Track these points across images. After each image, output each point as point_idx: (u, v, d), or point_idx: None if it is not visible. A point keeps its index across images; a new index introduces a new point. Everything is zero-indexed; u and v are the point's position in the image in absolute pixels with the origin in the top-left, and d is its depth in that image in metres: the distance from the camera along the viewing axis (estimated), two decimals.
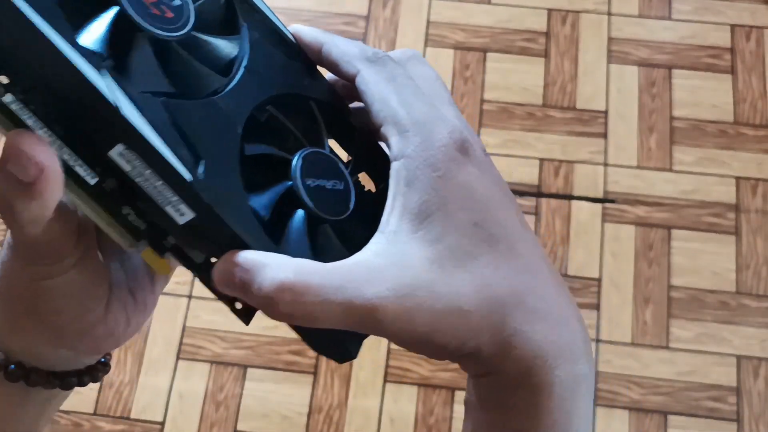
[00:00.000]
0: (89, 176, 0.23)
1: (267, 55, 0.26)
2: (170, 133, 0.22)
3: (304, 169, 0.25)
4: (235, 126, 0.24)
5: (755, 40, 1.24)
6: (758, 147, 1.17)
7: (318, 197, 0.25)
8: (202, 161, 0.22)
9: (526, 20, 1.26)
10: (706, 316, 1.07)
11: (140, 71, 0.22)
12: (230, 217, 0.22)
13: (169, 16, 0.23)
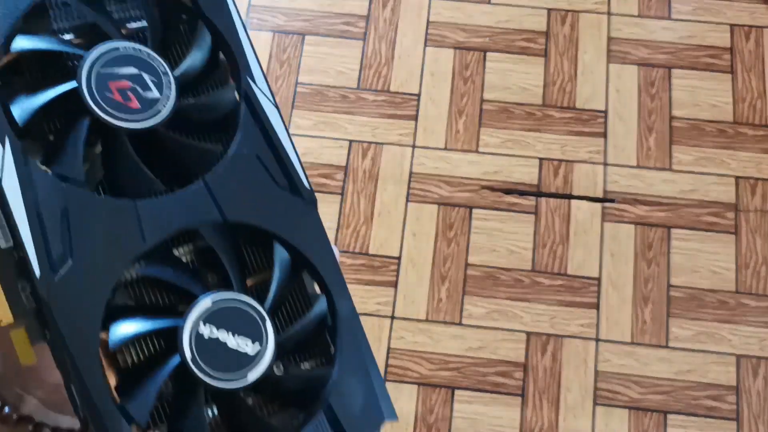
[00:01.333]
0: (2, 239, 0.21)
1: (240, 172, 0.23)
2: (52, 220, 0.19)
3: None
4: (141, 241, 0.21)
5: (754, 40, 1.24)
6: (757, 147, 1.17)
7: (207, 358, 0.21)
8: (70, 260, 0.20)
9: (525, 20, 1.26)
10: (705, 316, 1.08)
11: (72, 153, 0.20)
12: (71, 337, 0.19)
13: (134, 107, 0.21)
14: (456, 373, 1.05)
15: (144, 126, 0.21)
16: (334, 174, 1.15)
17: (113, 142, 0.21)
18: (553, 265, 1.11)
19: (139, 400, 0.20)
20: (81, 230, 0.20)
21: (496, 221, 1.14)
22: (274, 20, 1.27)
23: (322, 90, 1.21)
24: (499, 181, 1.16)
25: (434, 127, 1.19)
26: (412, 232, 1.13)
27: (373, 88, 1.21)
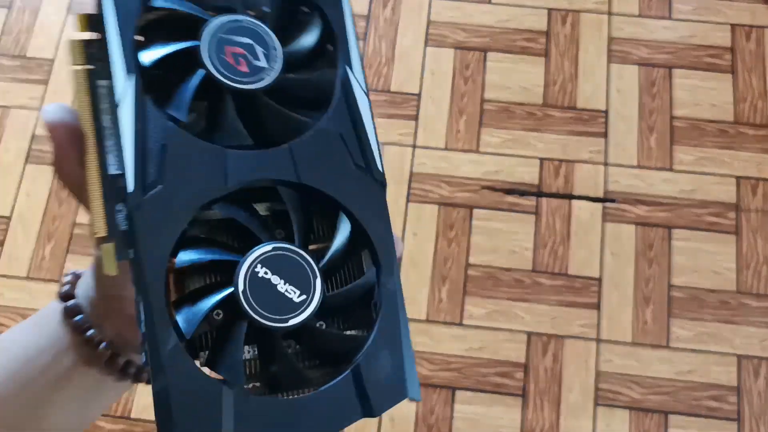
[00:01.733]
0: (115, 167, 0.24)
1: (323, 145, 0.26)
2: (151, 147, 0.23)
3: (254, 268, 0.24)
4: (224, 183, 0.24)
5: (755, 39, 1.24)
6: (758, 146, 1.17)
7: (262, 301, 0.23)
8: (160, 186, 0.23)
9: (526, 20, 1.26)
10: (706, 316, 1.08)
11: (182, 99, 0.24)
12: (146, 254, 0.22)
13: (243, 70, 0.25)
14: (457, 373, 1.05)
15: (247, 87, 0.24)
16: None
17: (218, 96, 0.24)
18: (553, 266, 1.11)
19: (189, 317, 0.23)
20: (175, 164, 0.23)
21: (497, 221, 1.13)
22: None
23: None
24: (499, 181, 1.16)
25: (435, 127, 1.19)
26: (412, 233, 1.13)
27: (373, 88, 1.21)
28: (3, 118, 1.21)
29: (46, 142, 1.20)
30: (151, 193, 0.23)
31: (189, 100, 0.24)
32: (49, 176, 1.18)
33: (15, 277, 1.12)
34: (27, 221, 1.15)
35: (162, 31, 0.25)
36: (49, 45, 1.27)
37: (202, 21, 0.25)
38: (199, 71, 0.24)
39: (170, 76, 0.24)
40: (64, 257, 1.13)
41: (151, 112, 0.23)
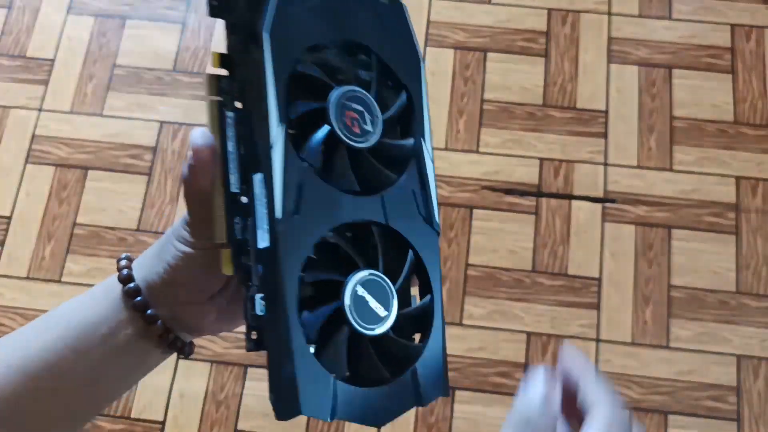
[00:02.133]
0: (236, 185, 0.32)
1: (402, 198, 0.34)
2: (292, 183, 0.30)
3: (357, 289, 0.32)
4: (338, 219, 0.32)
5: (755, 40, 1.24)
6: (758, 147, 1.17)
7: (361, 311, 0.31)
8: (297, 215, 0.30)
9: (526, 20, 1.26)
10: (706, 316, 1.08)
11: (315, 148, 0.32)
12: (285, 267, 0.30)
13: (356, 131, 0.32)
14: (456, 373, 1.05)
15: (358, 146, 0.32)
16: None
17: (337, 149, 0.32)
18: (553, 266, 1.11)
19: (311, 321, 0.30)
20: (307, 200, 0.30)
21: (497, 221, 1.13)
22: None
23: None
24: (499, 181, 1.16)
25: (434, 128, 1.19)
26: None
27: None
28: (3, 118, 1.22)
29: (45, 142, 1.20)
30: (292, 220, 0.30)
31: (319, 149, 0.31)
32: (49, 176, 1.18)
33: (15, 277, 1.12)
34: (27, 221, 1.15)
35: (301, 90, 0.32)
36: (49, 45, 1.27)
37: (330, 87, 0.32)
38: (326, 127, 0.31)
39: (304, 127, 0.31)
40: (64, 257, 1.13)
41: (292, 156, 0.30)
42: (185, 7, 1.29)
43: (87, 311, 0.36)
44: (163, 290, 0.35)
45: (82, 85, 1.23)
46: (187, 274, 0.34)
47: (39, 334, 0.35)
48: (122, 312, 0.35)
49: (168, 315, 0.35)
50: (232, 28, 0.32)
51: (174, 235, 0.36)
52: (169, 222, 1.14)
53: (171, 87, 1.23)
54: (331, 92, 0.32)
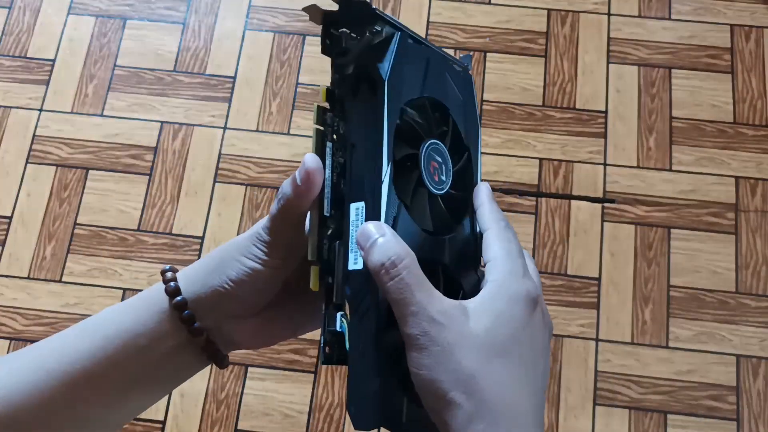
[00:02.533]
0: (327, 209, 0.35)
1: (461, 242, 0.38)
2: (391, 215, 0.33)
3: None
4: (418, 254, 0.34)
5: (755, 40, 1.24)
6: (757, 147, 1.17)
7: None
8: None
9: (526, 21, 1.26)
10: (705, 316, 1.08)
11: (405, 188, 0.35)
12: (376, 289, 0.32)
13: (436, 179, 0.37)
14: None
15: (436, 192, 0.37)
16: None
17: (422, 192, 0.36)
18: (553, 265, 1.11)
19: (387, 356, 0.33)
20: (399, 230, 0.33)
21: None
22: (274, 20, 1.27)
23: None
24: (499, 181, 1.16)
25: None
26: None
27: None
28: (4, 119, 1.22)
29: (46, 142, 1.20)
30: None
31: (411, 190, 0.35)
32: (50, 176, 1.18)
33: (16, 277, 1.12)
34: (28, 221, 1.15)
35: (400, 136, 0.35)
36: (50, 45, 1.27)
37: (422, 138, 0.36)
38: (417, 172, 0.36)
39: (398, 168, 0.35)
40: (64, 257, 1.13)
41: (392, 191, 0.34)
42: (185, 8, 1.29)
43: (127, 322, 0.36)
44: (213, 303, 0.36)
45: (83, 85, 1.24)
46: (250, 289, 0.35)
47: (78, 341, 0.36)
48: (165, 324, 0.36)
49: (213, 327, 0.36)
50: (340, 68, 0.36)
51: (240, 251, 0.36)
52: (170, 222, 1.15)
53: (171, 87, 1.23)
54: (423, 143, 0.36)
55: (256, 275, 0.35)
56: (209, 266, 0.37)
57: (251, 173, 1.17)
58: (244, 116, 1.21)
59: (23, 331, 1.09)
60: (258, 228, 0.36)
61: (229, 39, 1.26)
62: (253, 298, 0.36)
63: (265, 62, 1.24)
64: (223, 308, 0.36)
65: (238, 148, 1.19)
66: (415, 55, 0.37)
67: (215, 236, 1.14)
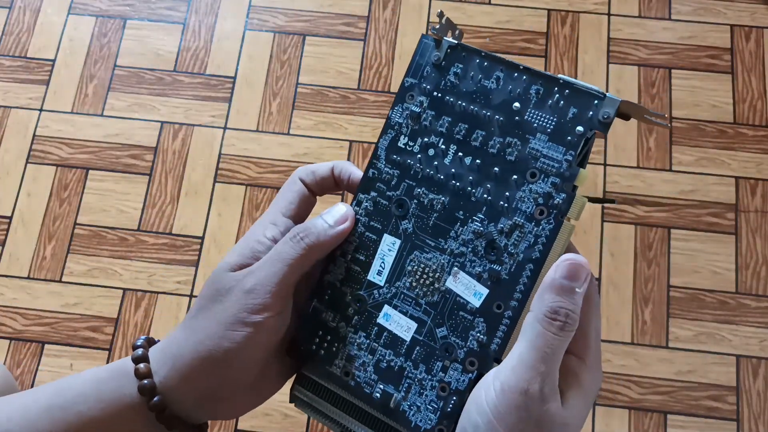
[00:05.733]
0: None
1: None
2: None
3: None
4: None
5: (755, 40, 1.24)
6: (757, 147, 1.17)
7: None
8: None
9: (526, 21, 1.26)
10: (705, 316, 1.08)
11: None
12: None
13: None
14: None
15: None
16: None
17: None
18: None
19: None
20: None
21: None
22: (274, 20, 1.27)
23: (322, 90, 1.21)
24: None
25: None
26: None
27: (373, 89, 1.21)
28: (4, 118, 1.22)
29: (46, 142, 1.20)
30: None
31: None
32: (50, 176, 1.18)
33: (16, 276, 1.12)
34: (28, 221, 1.15)
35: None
36: (50, 45, 1.27)
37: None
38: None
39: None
40: (64, 257, 1.13)
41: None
42: (185, 8, 1.29)
43: (90, 402, 0.30)
44: (195, 380, 0.30)
45: (83, 85, 1.24)
46: (249, 354, 0.30)
47: (35, 418, 0.30)
48: (135, 411, 0.30)
49: (191, 405, 0.31)
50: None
51: (245, 309, 0.29)
52: (170, 222, 1.15)
53: (171, 87, 1.23)
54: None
55: (257, 334, 0.29)
56: (210, 328, 0.30)
57: (251, 173, 1.17)
58: (244, 116, 1.21)
59: (23, 331, 1.09)
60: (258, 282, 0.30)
61: (229, 39, 1.26)
62: (251, 365, 0.30)
63: (265, 62, 1.24)
64: (208, 384, 0.30)
65: (238, 148, 1.19)
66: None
67: (215, 236, 1.14)
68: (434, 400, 0.29)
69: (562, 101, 0.32)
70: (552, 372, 0.27)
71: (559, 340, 0.27)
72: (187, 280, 1.11)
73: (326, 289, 0.33)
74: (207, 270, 1.12)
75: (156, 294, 1.10)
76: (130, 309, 1.10)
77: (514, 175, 0.31)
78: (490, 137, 0.32)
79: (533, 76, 0.32)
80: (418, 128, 0.33)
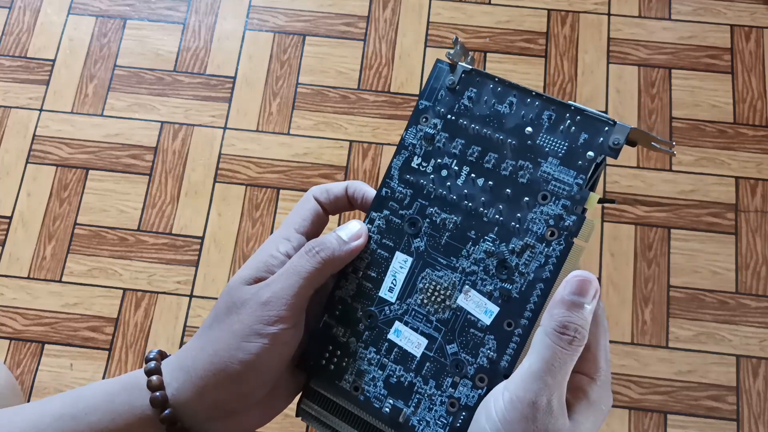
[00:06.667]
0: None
1: None
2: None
3: None
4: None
5: (755, 40, 1.24)
6: (757, 147, 1.17)
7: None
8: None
9: (526, 21, 1.26)
10: (705, 316, 1.08)
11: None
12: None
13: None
14: None
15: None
16: (335, 174, 1.15)
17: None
18: None
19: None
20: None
21: None
22: (274, 20, 1.27)
23: (322, 90, 1.21)
24: None
25: None
26: None
27: (373, 89, 1.21)
28: (4, 118, 1.22)
29: (46, 142, 1.20)
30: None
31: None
32: (50, 176, 1.18)
33: (16, 276, 1.12)
34: (28, 221, 1.15)
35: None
36: (50, 45, 1.27)
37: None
38: None
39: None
40: (64, 257, 1.13)
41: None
42: (185, 8, 1.29)
43: (101, 413, 0.30)
44: (208, 395, 0.30)
45: (83, 85, 1.24)
46: (265, 366, 0.30)
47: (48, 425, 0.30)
48: (145, 421, 0.30)
49: (203, 419, 0.31)
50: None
51: (261, 320, 0.29)
52: (170, 222, 1.15)
53: (171, 87, 1.23)
54: None
55: (273, 346, 0.29)
56: (225, 341, 0.30)
57: (251, 173, 1.17)
58: (244, 116, 1.21)
59: (23, 331, 1.09)
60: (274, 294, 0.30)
61: (229, 39, 1.26)
62: (266, 378, 0.30)
63: (265, 62, 1.24)
64: (221, 397, 0.30)
65: (238, 148, 1.19)
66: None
67: (215, 236, 1.14)
68: (444, 416, 0.29)
69: (574, 127, 0.32)
70: (560, 386, 0.27)
71: (567, 354, 0.28)
72: (187, 280, 1.11)
73: (337, 304, 0.33)
74: (207, 270, 1.12)
75: (156, 294, 1.10)
76: (130, 309, 1.10)
77: (525, 197, 0.32)
78: (502, 160, 0.32)
79: (545, 102, 0.32)
80: (431, 149, 0.33)
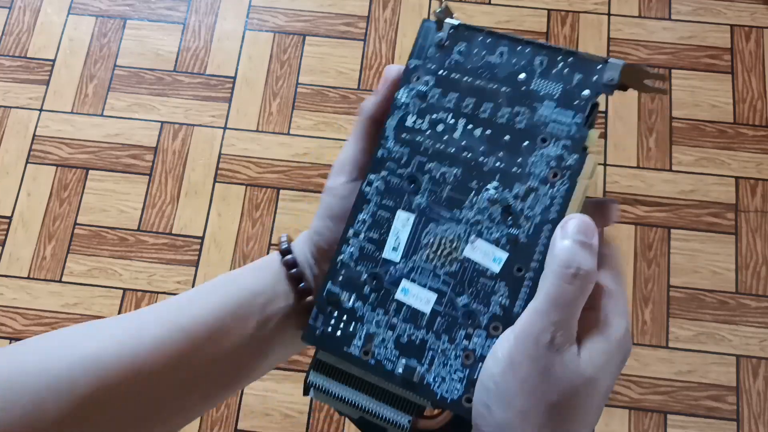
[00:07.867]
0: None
1: None
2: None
3: None
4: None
5: (755, 40, 1.24)
6: (757, 147, 1.17)
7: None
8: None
9: (526, 21, 1.26)
10: (705, 316, 1.08)
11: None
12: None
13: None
14: None
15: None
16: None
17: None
18: None
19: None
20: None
21: None
22: (274, 20, 1.27)
23: (322, 90, 1.21)
24: None
25: None
26: None
27: (373, 89, 1.21)
28: (4, 118, 1.22)
29: (46, 142, 1.20)
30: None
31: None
32: (50, 176, 1.18)
33: (16, 277, 1.12)
34: (28, 221, 1.15)
35: None
36: (50, 45, 1.27)
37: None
38: None
39: None
40: (64, 257, 1.13)
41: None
42: (185, 8, 1.29)
43: (247, 281, 0.35)
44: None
45: (83, 85, 1.24)
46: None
47: (203, 297, 0.35)
48: (280, 284, 0.34)
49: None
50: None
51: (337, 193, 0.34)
52: (170, 222, 1.15)
53: (171, 87, 1.23)
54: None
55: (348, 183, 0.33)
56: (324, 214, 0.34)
57: (251, 173, 1.17)
58: (244, 116, 1.21)
59: (23, 331, 1.09)
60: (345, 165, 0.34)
61: (229, 39, 1.26)
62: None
63: (265, 62, 1.24)
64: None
65: (238, 148, 1.19)
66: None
67: (215, 236, 1.14)
68: (459, 369, 0.29)
69: (567, 69, 0.32)
70: (565, 322, 0.27)
71: (571, 290, 0.28)
72: (187, 280, 1.11)
73: (340, 269, 0.32)
74: (207, 270, 1.12)
75: (156, 294, 1.10)
76: (130, 309, 1.10)
77: (525, 142, 0.31)
78: (498, 108, 0.32)
79: (536, 47, 0.32)
80: (425, 106, 0.33)
